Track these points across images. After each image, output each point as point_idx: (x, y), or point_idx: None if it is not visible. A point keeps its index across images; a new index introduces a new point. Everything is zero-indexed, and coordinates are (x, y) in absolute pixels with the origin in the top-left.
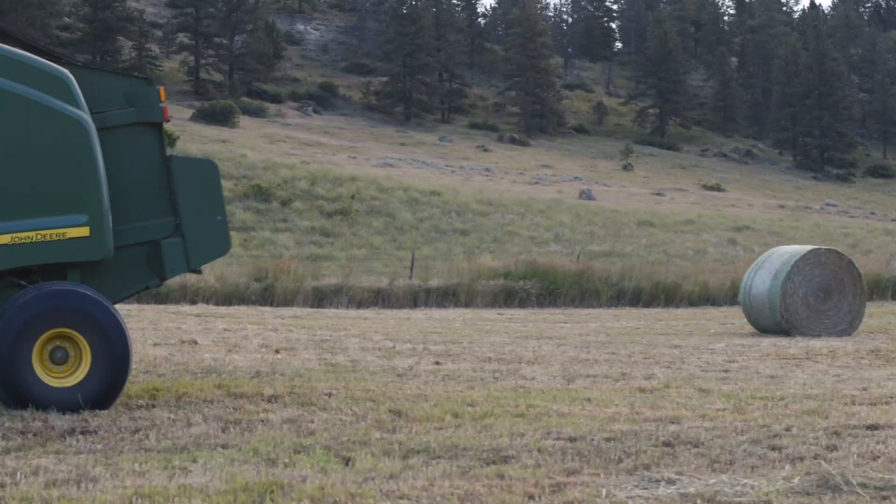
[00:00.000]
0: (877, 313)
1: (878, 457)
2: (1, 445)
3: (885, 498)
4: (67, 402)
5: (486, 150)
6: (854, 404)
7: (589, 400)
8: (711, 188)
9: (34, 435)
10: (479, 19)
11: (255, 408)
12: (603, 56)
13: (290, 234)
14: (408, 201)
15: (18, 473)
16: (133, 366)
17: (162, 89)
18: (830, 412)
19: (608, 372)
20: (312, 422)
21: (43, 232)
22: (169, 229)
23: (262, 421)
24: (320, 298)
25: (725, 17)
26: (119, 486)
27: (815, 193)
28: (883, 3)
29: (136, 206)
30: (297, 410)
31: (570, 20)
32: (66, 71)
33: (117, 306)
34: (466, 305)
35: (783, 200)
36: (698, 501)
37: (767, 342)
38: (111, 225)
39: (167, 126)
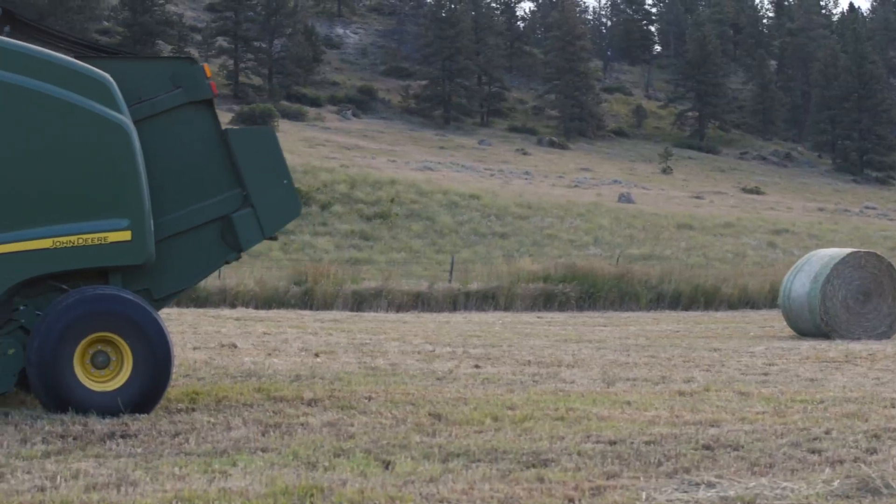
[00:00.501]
0: None
1: None
2: (41, 449)
3: None
4: (108, 407)
5: (525, 154)
6: (894, 407)
7: (629, 403)
8: (751, 191)
9: (74, 439)
10: (518, 23)
11: (294, 411)
12: (642, 59)
13: (330, 238)
14: (447, 205)
15: (58, 477)
16: (173, 370)
17: (206, 66)
18: (870, 415)
19: (648, 375)
20: (352, 425)
21: (84, 236)
22: (237, 202)
23: (302, 424)
24: (360, 302)
25: (764, 21)
26: (159, 489)
27: (854, 196)
28: None
29: (202, 185)
30: (337, 414)
31: (609, 23)
32: (106, 75)
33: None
34: (506, 309)
35: (822, 203)
36: None
37: (807, 345)
38: (153, 228)
39: None
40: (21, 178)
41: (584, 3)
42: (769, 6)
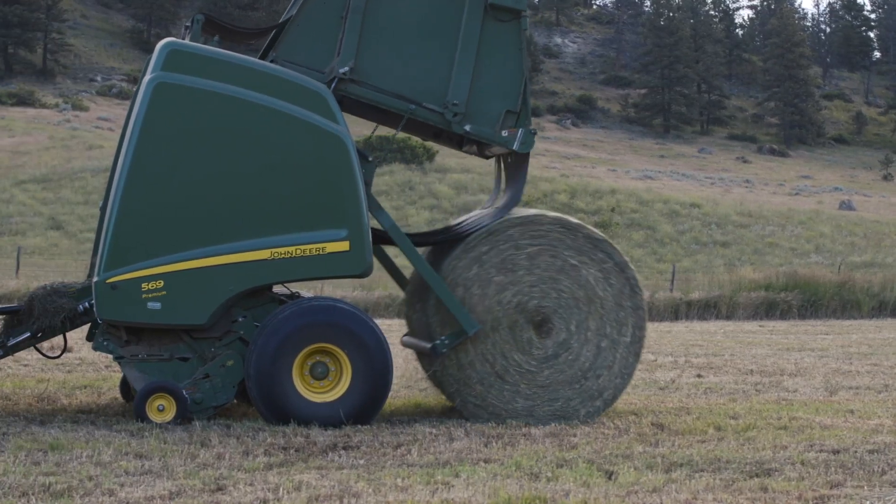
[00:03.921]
0: None
1: None
2: (263, 461)
3: None
4: (328, 418)
5: (745, 162)
6: None
7: (852, 412)
8: None
9: (296, 451)
10: (737, 30)
11: (517, 422)
12: (861, 65)
13: None
14: (668, 214)
15: (281, 489)
16: (394, 380)
17: None
18: None
19: (871, 383)
20: (575, 436)
21: (302, 247)
22: (481, 3)
23: (525, 435)
24: None
25: None
26: (381, 501)
27: None
28: None
29: (449, 25)
30: (560, 424)
31: (827, 30)
32: (323, 86)
33: (377, 320)
34: (727, 318)
35: None
36: None
37: None
38: (371, 239)
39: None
40: (244, 190)
41: (803, 9)
42: None
